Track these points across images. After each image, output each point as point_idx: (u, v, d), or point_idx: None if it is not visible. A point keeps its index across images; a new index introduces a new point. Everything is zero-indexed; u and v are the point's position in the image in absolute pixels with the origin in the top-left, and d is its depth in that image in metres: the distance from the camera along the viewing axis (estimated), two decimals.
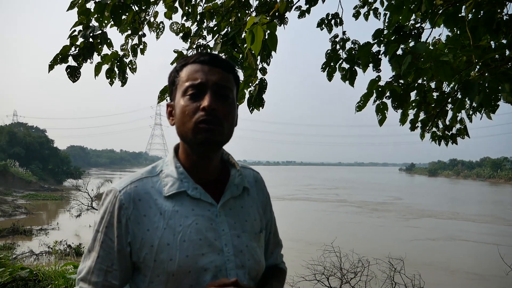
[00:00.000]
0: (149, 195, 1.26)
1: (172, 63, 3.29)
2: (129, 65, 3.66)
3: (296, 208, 31.41)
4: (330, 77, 3.72)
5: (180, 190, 1.27)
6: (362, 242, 16.71)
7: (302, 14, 4.21)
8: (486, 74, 2.62)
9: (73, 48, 3.28)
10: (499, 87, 2.32)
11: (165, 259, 1.20)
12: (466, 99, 3.21)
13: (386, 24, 3.34)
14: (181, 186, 1.27)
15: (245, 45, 2.98)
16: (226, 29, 3.43)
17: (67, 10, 3.22)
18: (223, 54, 3.06)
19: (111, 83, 3.59)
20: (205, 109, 1.20)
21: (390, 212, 29.73)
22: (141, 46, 3.75)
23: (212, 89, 1.23)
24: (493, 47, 3.04)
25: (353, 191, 50.60)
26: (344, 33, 3.88)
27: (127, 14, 3.35)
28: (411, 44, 2.78)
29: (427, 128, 3.81)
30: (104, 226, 1.24)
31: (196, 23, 3.71)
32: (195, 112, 1.21)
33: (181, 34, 3.74)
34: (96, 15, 3.17)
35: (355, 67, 3.60)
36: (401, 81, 3.14)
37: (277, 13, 3.13)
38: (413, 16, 3.15)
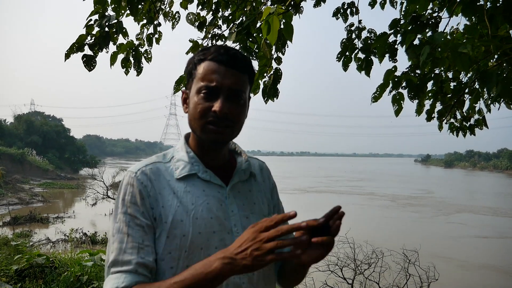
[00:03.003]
0: (162, 176, 1.31)
1: (187, 53, 3.29)
2: (144, 55, 3.68)
3: (323, 201, 29.43)
4: (345, 67, 3.67)
5: (191, 172, 1.32)
6: (408, 238, 15.05)
7: (317, 3, 4.17)
8: (504, 64, 2.58)
9: (89, 37, 3.31)
10: None
11: (179, 235, 1.24)
12: (484, 90, 3.17)
13: (402, 13, 3.30)
14: (192, 169, 1.33)
15: (261, 35, 2.97)
16: (241, 19, 3.41)
17: None
18: (237, 44, 3.05)
19: (127, 72, 3.61)
20: (216, 113, 1.25)
21: (425, 206, 28.18)
22: (156, 36, 3.76)
23: (226, 93, 1.27)
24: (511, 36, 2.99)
25: (377, 183, 49.34)
26: (360, 22, 3.84)
27: (143, 3, 3.36)
28: (428, 34, 2.74)
29: (444, 118, 3.77)
30: (127, 206, 1.25)
31: (211, 12, 3.70)
32: (207, 112, 1.27)
33: (196, 24, 3.74)
34: (113, 5, 3.18)
35: (371, 56, 3.55)
36: (418, 71, 3.11)
37: (292, 2, 3.11)
38: (430, 5, 3.11)
